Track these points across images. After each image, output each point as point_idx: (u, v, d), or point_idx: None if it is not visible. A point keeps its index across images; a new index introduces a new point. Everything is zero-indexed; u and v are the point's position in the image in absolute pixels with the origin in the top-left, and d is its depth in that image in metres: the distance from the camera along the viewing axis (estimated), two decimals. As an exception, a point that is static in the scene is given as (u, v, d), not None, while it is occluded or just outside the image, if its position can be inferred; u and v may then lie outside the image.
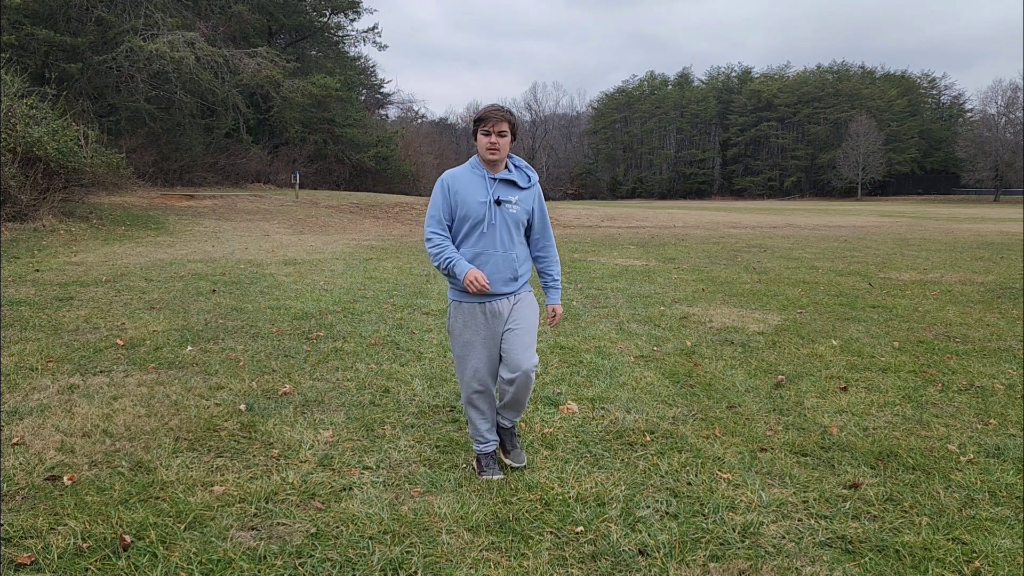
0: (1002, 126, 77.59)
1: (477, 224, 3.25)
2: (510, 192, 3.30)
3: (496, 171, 3.30)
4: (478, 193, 3.26)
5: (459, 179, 3.31)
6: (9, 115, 14.87)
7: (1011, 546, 2.83)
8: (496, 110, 3.23)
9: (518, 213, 3.31)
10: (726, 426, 4.17)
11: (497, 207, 3.26)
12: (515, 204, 3.30)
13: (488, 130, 3.21)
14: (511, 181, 3.31)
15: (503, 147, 3.24)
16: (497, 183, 3.29)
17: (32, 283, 8.91)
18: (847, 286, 10.01)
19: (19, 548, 2.73)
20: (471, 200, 3.25)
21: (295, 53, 38.68)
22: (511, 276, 3.30)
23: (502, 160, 3.29)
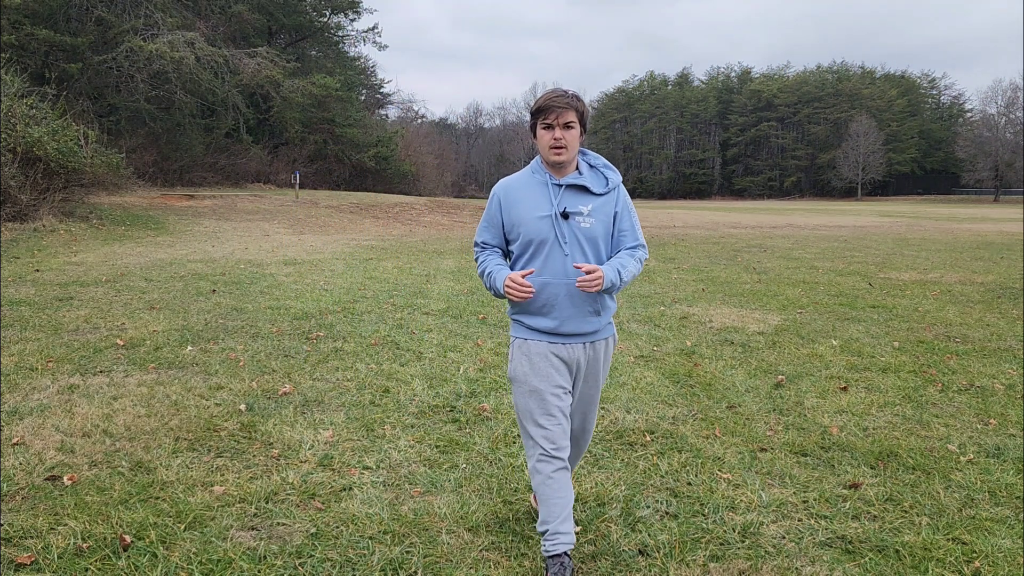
0: (1002, 126, 77.61)
1: (540, 246, 2.56)
2: (581, 200, 2.58)
3: (563, 174, 2.61)
4: (539, 205, 2.57)
5: (515, 190, 2.64)
6: (9, 115, 14.88)
7: (1011, 546, 2.83)
8: (559, 96, 2.52)
9: (592, 227, 2.57)
10: (726, 426, 4.17)
11: (564, 221, 2.55)
12: (587, 216, 2.57)
13: (550, 123, 2.52)
14: (582, 187, 2.59)
15: (571, 143, 2.53)
16: (563, 190, 2.58)
17: (32, 283, 8.91)
18: (847, 286, 10.01)
19: (19, 548, 2.73)
20: (529, 215, 2.57)
21: (295, 53, 38.68)
22: (592, 310, 2.62)
23: (571, 160, 2.59)
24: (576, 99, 2.55)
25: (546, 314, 2.60)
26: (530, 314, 2.64)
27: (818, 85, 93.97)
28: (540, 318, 2.61)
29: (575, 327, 2.62)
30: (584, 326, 2.63)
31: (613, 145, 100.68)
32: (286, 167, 35.77)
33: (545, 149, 2.55)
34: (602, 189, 2.62)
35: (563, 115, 2.51)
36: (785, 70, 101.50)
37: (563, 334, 2.62)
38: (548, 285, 2.57)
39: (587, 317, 2.63)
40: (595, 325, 2.66)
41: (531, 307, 2.62)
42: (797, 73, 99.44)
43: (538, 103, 2.55)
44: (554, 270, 2.57)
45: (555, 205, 2.57)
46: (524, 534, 2.90)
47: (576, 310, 2.60)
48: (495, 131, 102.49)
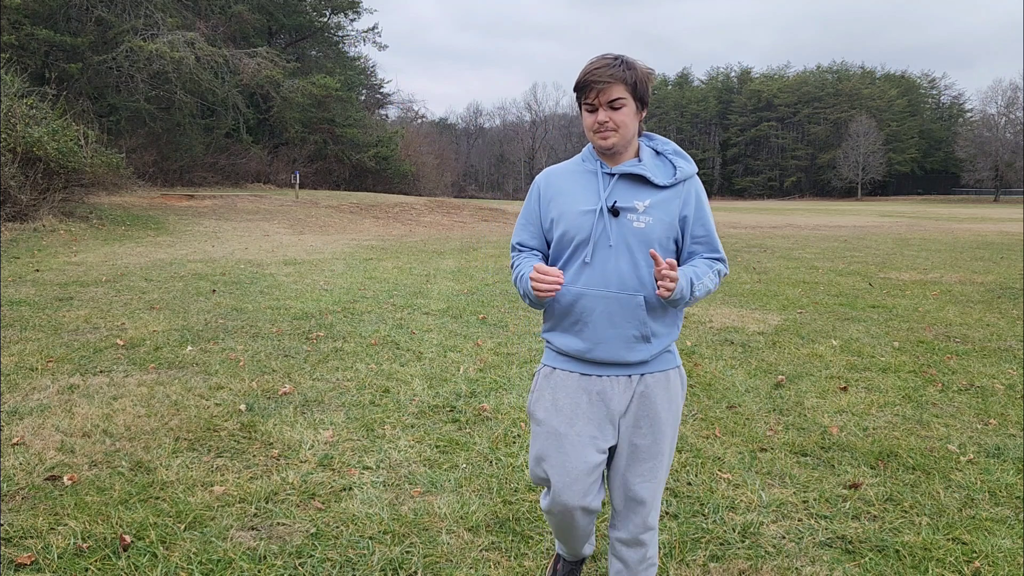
0: (1002, 126, 77.63)
1: (580, 247, 2.03)
2: (637, 194, 2.03)
3: (618, 162, 2.08)
4: (584, 197, 2.06)
5: (559, 178, 2.13)
6: (9, 115, 14.88)
7: (1011, 546, 2.83)
8: (602, 67, 1.96)
9: (649, 228, 2.01)
10: (726, 426, 4.17)
11: (613, 218, 2.01)
12: (642, 214, 2.02)
13: (592, 104, 1.99)
14: (639, 177, 2.04)
15: (623, 125, 1.99)
16: (616, 181, 2.05)
17: (32, 283, 8.91)
18: (847, 286, 10.01)
19: (19, 548, 2.73)
20: (572, 209, 2.06)
21: (295, 53, 38.70)
22: (636, 333, 2.03)
23: (626, 145, 2.05)
24: (625, 67, 1.96)
25: (578, 332, 2.05)
26: (561, 331, 2.09)
27: (818, 85, 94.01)
28: (570, 337, 2.07)
29: (611, 353, 2.03)
30: (625, 353, 2.03)
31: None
32: (286, 167, 35.79)
33: (590, 132, 2.04)
34: (667, 180, 2.05)
35: (606, 91, 1.95)
36: (785, 70, 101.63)
37: (596, 362, 2.05)
38: (583, 297, 2.02)
39: (630, 343, 2.03)
40: (642, 354, 2.04)
41: (563, 321, 2.09)
42: (797, 73, 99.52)
43: (579, 77, 2.01)
44: (592, 278, 2.01)
45: (603, 198, 2.03)
46: (524, 534, 2.90)
47: (615, 331, 2.02)
48: (495, 131, 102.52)
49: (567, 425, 2.06)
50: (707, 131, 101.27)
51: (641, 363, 2.06)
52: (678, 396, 2.15)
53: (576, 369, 2.08)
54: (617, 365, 2.06)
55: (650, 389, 2.08)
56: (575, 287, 2.04)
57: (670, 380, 2.12)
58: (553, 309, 2.10)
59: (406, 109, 66.85)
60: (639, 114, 2.03)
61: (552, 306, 2.09)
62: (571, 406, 2.07)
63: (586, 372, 2.07)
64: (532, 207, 2.17)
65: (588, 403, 2.06)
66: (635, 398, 2.07)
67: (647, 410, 2.08)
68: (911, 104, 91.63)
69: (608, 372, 2.06)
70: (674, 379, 2.14)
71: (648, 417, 2.08)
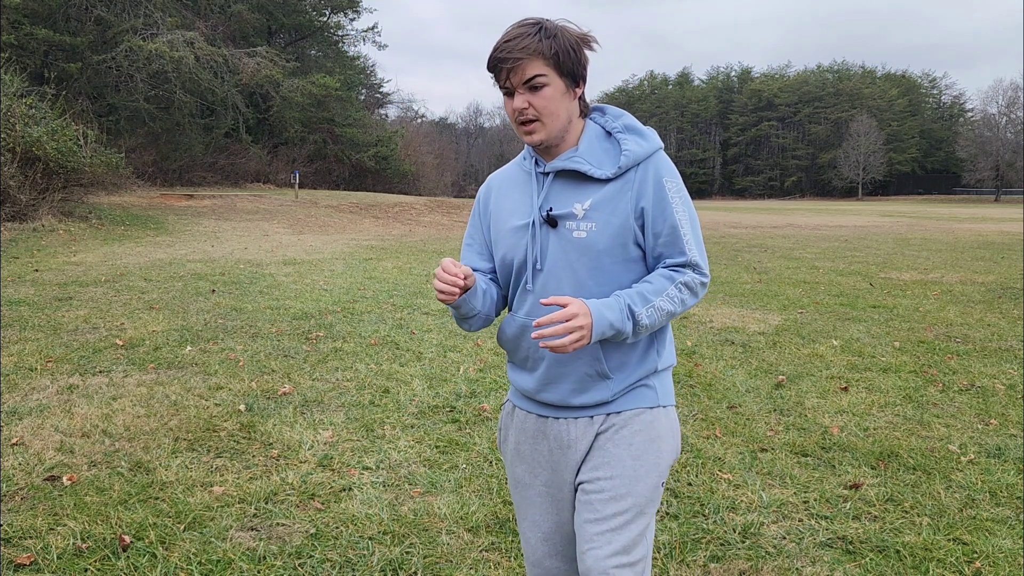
0: (1003, 126, 77.63)
1: (520, 270, 1.67)
2: (574, 194, 1.61)
3: (554, 156, 1.64)
4: (518, 208, 1.68)
5: (499, 188, 1.76)
6: (8, 115, 14.87)
7: (1012, 546, 2.82)
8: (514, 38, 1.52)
9: (592, 236, 1.58)
10: (726, 426, 4.16)
11: (551, 231, 1.62)
12: (582, 219, 1.59)
13: (508, 86, 1.56)
14: (576, 173, 1.61)
15: (547, 112, 1.56)
16: (551, 181, 1.64)
17: (31, 283, 8.91)
18: (848, 286, 10.00)
19: (19, 548, 2.72)
20: (504, 225, 1.70)
21: (295, 53, 38.68)
22: (591, 371, 1.62)
23: (561, 133, 1.60)
24: (543, 34, 1.52)
25: (529, 369, 1.71)
26: (514, 365, 1.77)
27: (819, 85, 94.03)
28: (522, 374, 1.73)
29: (562, 395, 1.65)
30: (577, 396, 1.64)
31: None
32: (286, 167, 35.77)
33: (514, 125, 1.61)
34: (609, 171, 1.58)
35: (519, 69, 1.52)
36: (785, 70, 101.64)
37: (547, 404, 1.69)
38: (527, 329, 1.65)
39: (584, 382, 1.63)
40: (601, 393, 1.63)
41: (514, 356, 1.75)
42: (797, 73, 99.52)
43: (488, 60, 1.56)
44: (535, 305, 1.64)
45: (536, 206, 1.63)
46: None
47: (565, 369, 1.63)
48: (495, 131, 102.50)
49: (530, 475, 1.75)
50: (707, 131, 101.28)
51: (600, 404, 1.65)
52: (660, 440, 1.65)
53: (533, 410, 1.73)
54: (570, 408, 1.66)
55: (614, 428, 1.64)
56: (518, 317, 1.68)
57: (644, 420, 1.65)
58: (502, 339, 1.75)
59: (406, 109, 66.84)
60: (571, 92, 1.58)
61: (500, 335, 1.76)
62: (531, 452, 1.74)
63: (543, 414, 1.71)
64: (475, 224, 1.80)
65: (548, 450, 1.71)
66: (596, 439, 1.65)
67: (608, 451, 1.63)
68: (912, 104, 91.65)
69: (563, 415, 1.68)
70: (653, 419, 1.66)
71: (610, 464, 1.62)
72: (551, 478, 1.72)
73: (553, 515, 1.74)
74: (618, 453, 1.63)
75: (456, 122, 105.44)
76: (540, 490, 1.73)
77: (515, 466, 1.78)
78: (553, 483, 1.72)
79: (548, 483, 1.72)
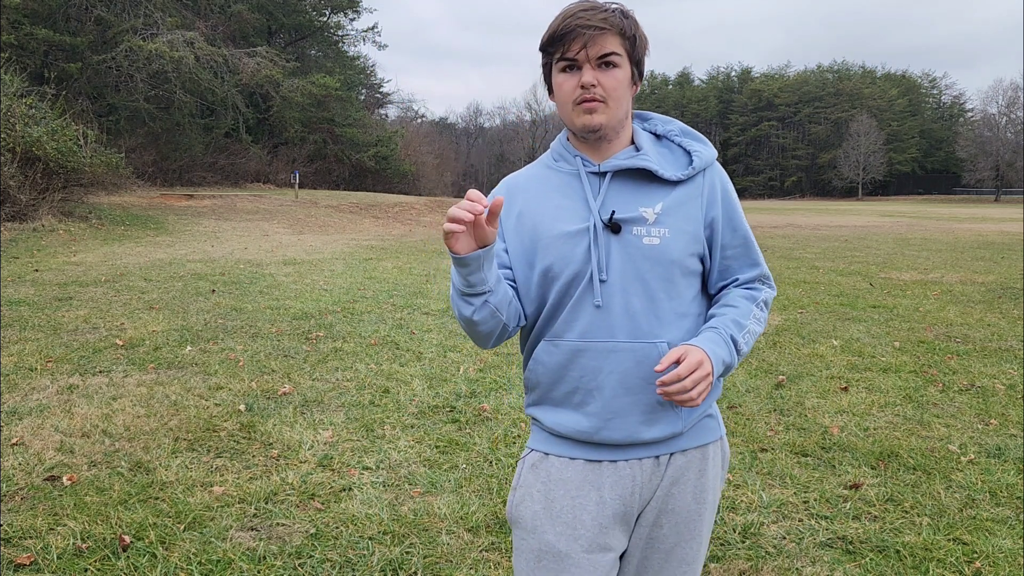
0: (1003, 126, 77.64)
1: (571, 285, 1.42)
2: (641, 196, 1.44)
3: (606, 154, 1.46)
4: (567, 213, 1.44)
5: (526, 191, 1.50)
6: (8, 115, 14.87)
7: (1012, 546, 2.82)
8: (591, 8, 1.37)
9: (667, 243, 1.42)
10: (727, 426, 4.16)
11: (615, 237, 1.41)
12: (654, 224, 1.42)
13: (573, 59, 1.37)
14: (642, 172, 1.44)
15: (614, 94, 1.39)
16: (609, 182, 1.44)
17: (31, 283, 8.91)
18: (848, 286, 10.00)
19: (19, 548, 2.72)
20: (549, 231, 1.44)
21: (295, 53, 38.67)
22: (661, 400, 1.40)
23: (616, 127, 1.44)
24: (620, 14, 1.38)
25: (578, 406, 1.43)
26: (552, 405, 1.46)
27: (819, 85, 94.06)
28: (568, 412, 1.44)
29: (631, 431, 1.41)
30: (647, 428, 1.42)
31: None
32: (286, 167, 35.76)
33: (568, 107, 1.40)
34: (681, 172, 1.44)
35: (597, 41, 1.35)
36: (785, 70, 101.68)
37: (609, 444, 1.43)
38: (583, 354, 1.41)
39: (654, 412, 1.41)
40: (672, 425, 1.43)
41: (555, 391, 1.45)
42: (798, 73, 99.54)
43: (551, 27, 1.38)
44: (592, 323, 1.40)
45: (595, 209, 1.42)
46: (524, 535, 2.90)
47: (631, 399, 1.40)
48: (495, 131, 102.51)
49: (569, 540, 1.41)
50: (707, 131, 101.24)
51: (670, 438, 1.44)
52: (717, 480, 1.51)
53: (580, 455, 1.44)
54: (637, 445, 1.43)
55: (680, 473, 1.46)
56: (566, 340, 1.42)
57: (707, 458, 1.49)
58: (535, 373, 1.46)
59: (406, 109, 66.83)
60: (634, 85, 1.44)
61: (534, 369, 1.46)
62: (572, 509, 1.42)
63: (595, 458, 1.43)
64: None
65: (598, 504, 1.42)
66: (660, 487, 1.45)
67: (673, 502, 1.46)
68: (912, 104, 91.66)
69: (626, 455, 1.43)
70: (713, 456, 1.50)
71: (673, 512, 1.46)
72: (596, 539, 1.41)
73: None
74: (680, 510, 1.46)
75: (456, 122, 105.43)
76: (581, 559, 1.41)
77: (545, 532, 1.43)
78: (598, 545, 1.42)
79: (591, 548, 1.41)
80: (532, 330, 1.50)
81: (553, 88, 1.43)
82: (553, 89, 1.43)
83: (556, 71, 1.41)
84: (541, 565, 1.43)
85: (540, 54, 1.43)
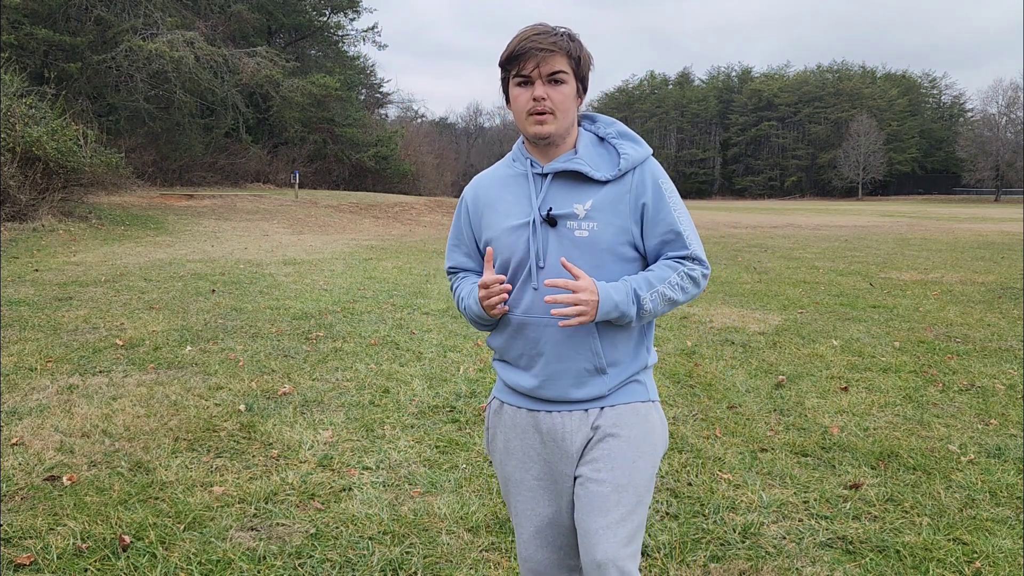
0: (1003, 126, 77.62)
1: (518, 269, 1.72)
2: (574, 194, 1.69)
3: (551, 157, 1.72)
4: (514, 208, 1.73)
5: (487, 189, 1.81)
6: (8, 115, 14.87)
7: (1012, 546, 2.82)
8: (541, 34, 1.63)
9: (595, 235, 1.66)
10: (726, 426, 4.16)
11: (551, 229, 1.68)
12: (584, 219, 1.67)
13: (527, 76, 1.63)
14: (576, 173, 1.69)
15: (562, 107, 1.65)
16: (550, 182, 1.71)
17: (31, 283, 8.90)
18: (848, 286, 10.00)
19: (18, 548, 2.72)
20: (500, 225, 1.74)
21: (295, 52, 38.66)
22: (589, 366, 1.70)
23: (564, 134, 1.69)
24: (567, 38, 1.64)
25: (525, 367, 1.75)
26: (508, 362, 1.81)
27: (819, 85, 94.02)
28: (518, 371, 1.77)
29: (562, 390, 1.71)
30: (577, 390, 1.71)
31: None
32: (285, 167, 35.75)
33: (522, 116, 1.66)
34: (610, 173, 1.68)
35: (548, 61, 1.61)
36: (785, 69, 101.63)
37: (546, 399, 1.74)
38: (527, 326, 1.71)
39: (582, 377, 1.70)
40: (598, 388, 1.71)
41: (508, 353, 1.79)
42: (798, 72, 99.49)
43: (509, 48, 1.64)
44: (533, 303, 1.70)
45: (535, 205, 1.69)
46: (524, 535, 2.90)
47: (565, 365, 1.69)
48: (495, 131, 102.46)
49: (522, 471, 1.78)
50: (707, 131, 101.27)
51: (597, 398, 1.72)
52: (653, 433, 1.75)
53: (525, 405, 1.77)
54: (568, 403, 1.73)
55: (611, 422, 1.71)
56: (516, 315, 1.72)
57: (639, 413, 1.74)
58: (495, 339, 1.82)
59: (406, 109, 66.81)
60: (579, 98, 1.69)
61: (494, 335, 1.82)
62: (522, 447, 1.78)
63: (535, 408, 1.76)
64: (461, 227, 1.86)
65: (541, 443, 1.76)
66: (595, 433, 1.72)
67: (607, 444, 1.70)
68: (912, 104, 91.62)
69: (559, 408, 1.73)
70: (647, 413, 1.75)
71: (608, 450, 1.70)
72: (543, 471, 1.77)
73: (545, 507, 1.78)
74: (618, 446, 1.71)
75: (456, 122, 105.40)
76: (531, 484, 1.78)
77: (505, 464, 1.82)
78: (545, 475, 1.77)
79: (539, 476, 1.77)
80: None
81: (510, 99, 1.70)
82: (510, 100, 1.70)
83: (512, 85, 1.68)
84: (506, 490, 1.85)
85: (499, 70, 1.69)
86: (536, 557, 1.80)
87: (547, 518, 1.78)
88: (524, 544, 1.81)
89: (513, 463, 1.80)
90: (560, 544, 1.79)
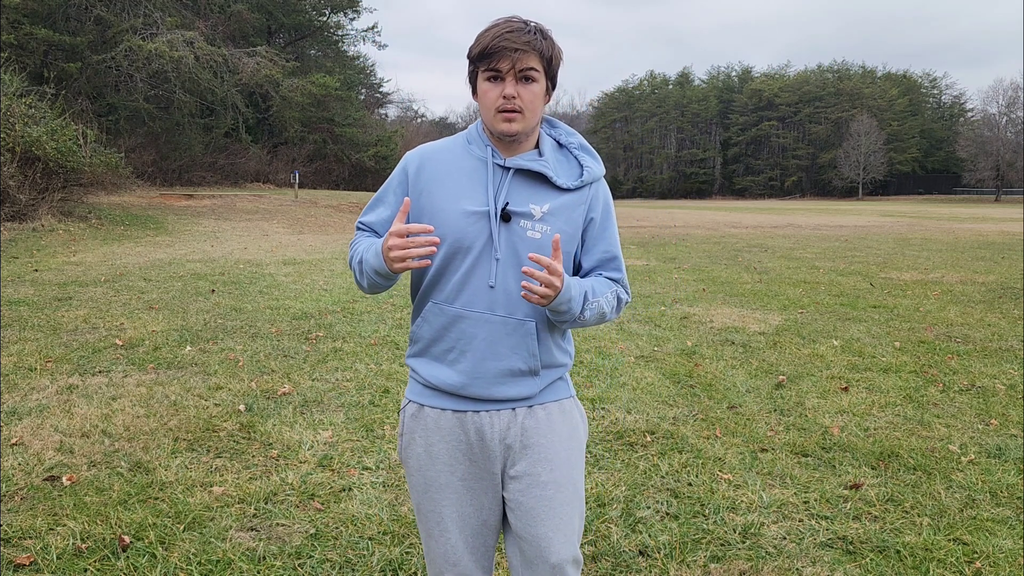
0: (1003, 126, 77.65)
1: (461, 256, 1.65)
2: (533, 195, 1.67)
3: (514, 152, 1.68)
4: (469, 193, 1.66)
5: (438, 163, 1.70)
6: (8, 114, 14.86)
7: (1012, 547, 2.82)
8: (514, 31, 1.58)
9: (546, 239, 1.65)
10: (727, 426, 4.16)
11: (504, 225, 1.64)
12: (539, 221, 1.66)
13: (497, 70, 1.60)
14: (539, 175, 1.68)
15: (530, 105, 1.62)
16: (510, 177, 1.66)
17: (31, 283, 8.90)
18: (848, 286, 10.00)
19: (18, 549, 2.72)
20: (452, 206, 1.65)
21: (294, 52, 38.69)
22: (523, 367, 1.68)
23: (529, 132, 1.67)
24: (540, 35, 1.60)
25: (452, 363, 1.67)
26: (430, 358, 1.71)
27: (819, 84, 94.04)
28: (442, 367, 1.69)
29: (489, 388, 1.66)
30: (505, 388, 1.67)
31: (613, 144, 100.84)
32: (285, 167, 35.76)
33: (490, 112, 1.62)
34: (572, 182, 1.68)
35: (520, 60, 1.57)
36: (786, 69, 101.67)
37: (472, 398, 1.68)
38: (463, 319, 1.65)
39: (514, 377, 1.67)
40: (529, 387, 1.69)
41: (434, 347, 1.70)
42: (798, 72, 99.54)
43: (481, 42, 1.60)
44: (474, 296, 1.64)
45: (493, 197, 1.64)
46: (524, 535, 2.89)
47: (497, 363, 1.65)
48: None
49: (447, 474, 1.71)
50: (708, 130, 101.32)
51: (527, 398, 1.70)
52: (578, 428, 1.78)
53: (449, 406, 1.69)
54: (496, 401, 1.68)
55: (540, 421, 1.71)
56: (452, 307, 1.65)
57: (565, 409, 1.76)
58: (421, 329, 1.70)
59: (406, 108, 66.81)
60: (547, 96, 1.66)
61: (420, 326, 1.71)
62: (447, 450, 1.71)
63: (460, 408, 1.69)
64: (395, 187, 1.73)
65: (467, 444, 1.70)
66: (523, 431, 1.70)
67: (541, 444, 1.70)
68: (912, 104, 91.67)
69: (487, 407, 1.69)
70: (571, 409, 1.78)
71: (544, 448, 1.70)
72: (469, 471, 1.71)
73: (472, 509, 1.72)
74: (551, 445, 1.71)
75: (456, 122, 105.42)
76: (457, 487, 1.71)
77: (427, 469, 1.73)
78: (471, 476, 1.71)
79: (465, 477, 1.71)
80: (420, 289, 1.73)
81: (478, 92, 1.66)
82: (477, 93, 1.66)
83: (482, 79, 1.63)
84: (427, 496, 1.74)
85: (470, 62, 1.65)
86: (463, 561, 1.74)
87: (475, 519, 1.73)
88: (450, 549, 1.73)
89: (438, 467, 1.71)
90: (488, 545, 1.77)
